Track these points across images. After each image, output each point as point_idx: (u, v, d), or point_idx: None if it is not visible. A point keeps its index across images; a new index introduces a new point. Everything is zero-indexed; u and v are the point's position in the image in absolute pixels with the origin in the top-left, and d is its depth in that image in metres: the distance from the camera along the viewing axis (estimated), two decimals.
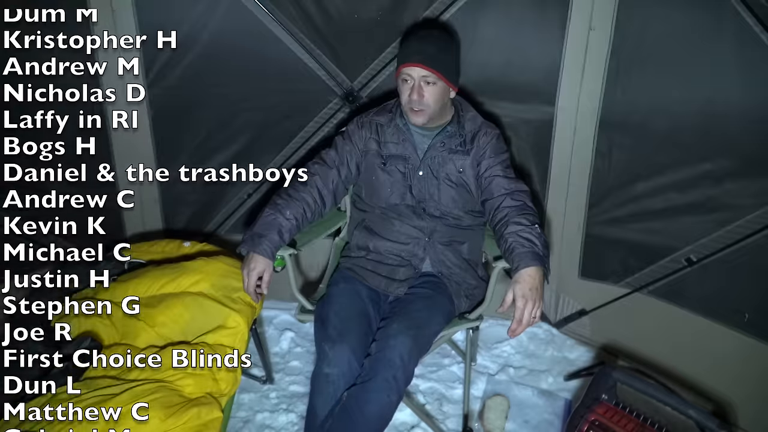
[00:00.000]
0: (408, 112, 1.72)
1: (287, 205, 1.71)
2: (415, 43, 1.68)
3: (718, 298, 1.93)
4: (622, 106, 1.94)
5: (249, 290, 1.65)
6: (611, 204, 2.07)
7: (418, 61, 1.64)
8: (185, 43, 2.03)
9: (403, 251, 1.81)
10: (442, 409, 2.05)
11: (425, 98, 1.67)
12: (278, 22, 2.00)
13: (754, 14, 1.64)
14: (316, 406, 1.58)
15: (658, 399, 1.63)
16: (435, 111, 1.71)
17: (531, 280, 1.48)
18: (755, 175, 1.77)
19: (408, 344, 1.58)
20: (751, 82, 1.72)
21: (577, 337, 2.33)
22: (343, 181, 1.83)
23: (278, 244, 1.67)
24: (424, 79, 1.66)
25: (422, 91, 1.67)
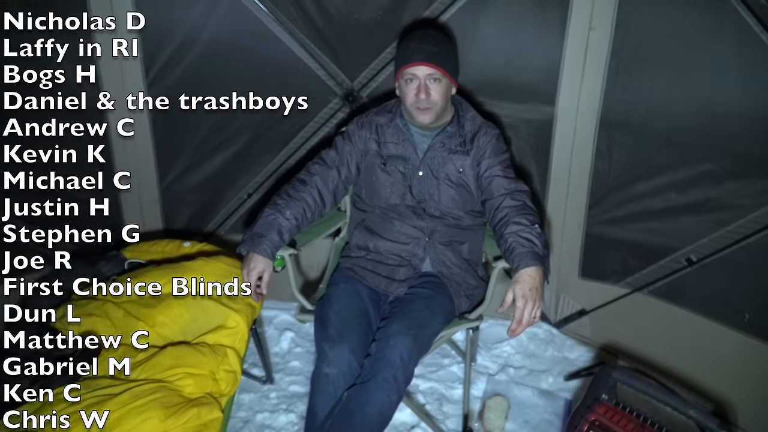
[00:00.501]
0: (414, 111, 1.72)
1: (287, 205, 1.71)
2: (415, 43, 1.68)
3: (718, 298, 1.93)
4: (622, 106, 1.94)
5: (248, 287, 1.65)
6: (611, 204, 2.07)
7: (423, 60, 1.65)
8: (185, 43, 2.04)
9: (403, 251, 1.81)
10: (442, 409, 2.05)
11: (432, 96, 1.68)
12: (278, 22, 2.00)
13: (754, 14, 1.64)
14: (316, 406, 1.58)
15: (658, 399, 1.63)
16: (441, 108, 1.72)
17: (531, 280, 1.48)
18: (755, 175, 1.77)
19: (408, 344, 1.58)
20: (751, 82, 1.72)
21: (577, 337, 2.33)
22: (343, 181, 1.83)
23: (278, 244, 1.67)
24: (430, 76, 1.67)
25: (429, 90, 1.67)
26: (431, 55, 1.65)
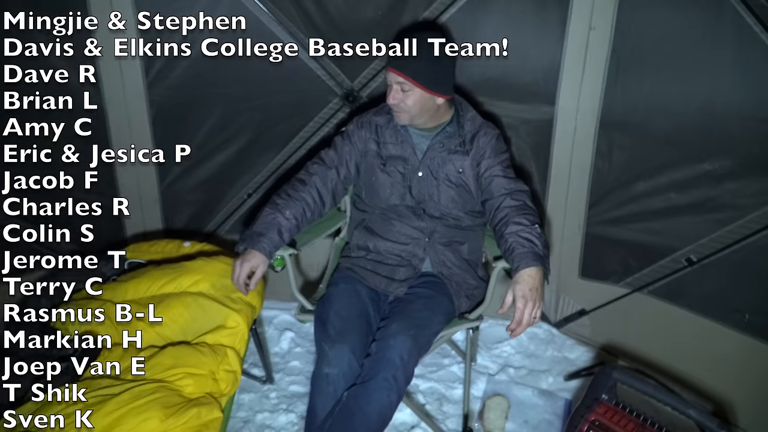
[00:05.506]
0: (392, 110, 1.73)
1: (287, 205, 1.71)
2: (398, 48, 1.67)
3: (718, 298, 1.93)
4: (622, 106, 1.94)
5: (239, 281, 1.63)
6: (611, 204, 2.07)
7: (395, 67, 1.66)
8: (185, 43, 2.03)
9: (403, 251, 1.81)
10: (442, 409, 2.05)
11: (402, 102, 1.68)
12: (278, 22, 2.00)
13: (754, 14, 1.64)
14: (316, 406, 1.58)
15: (658, 399, 1.63)
16: (416, 113, 1.71)
17: (531, 280, 1.48)
18: (755, 175, 1.77)
19: (408, 344, 1.58)
20: (751, 82, 1.72)
21: (577, 337, 2.33)
22: (342, 181, 1.83)
23: (278, 244, 1.67)
24: (401, 85, 1.67)
25: (397, 95, 1.68)
26: (404, 64, 1.64)
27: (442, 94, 1.71)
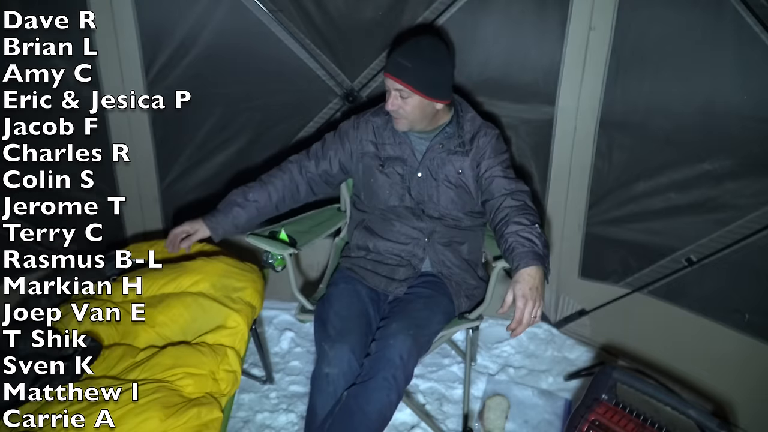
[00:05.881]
0: None
1: (253, 188, 1.82)
2: (397, 54, 1.67)
3: (718, 298, 1.93)
4: (622, 106, 1.94)
5: (173, 234, 1.79)
6: (611, 204, 2.07)
7: (393, 73, 1.66)
8: (185, 43, 2.04)
9: (402, 251, 1.81)
10: (442, 409, 2.05)
11: (400, 108, 1.68)
12: (278, 21, 2.00)
13: (754, 14, 1.64)
14: (316, 405, 1.58)
15: (658, 399, 1.63)
16: (415, 119, 1.70)
17: (531, 279, 1.48)
18: (755, 175, 1.77)
19: (408, 344, 1.58)
20: (751, 82, 1.72)
21: (577, 337, 2.33)
22: (319, 174, 1.84)
23: (228, 224, 1.78)
24: (399, 92, 1.67)
25: (396, 101, 1.68)
26: (402, 71, 1.64)
27: (441, 100, 1.71)
